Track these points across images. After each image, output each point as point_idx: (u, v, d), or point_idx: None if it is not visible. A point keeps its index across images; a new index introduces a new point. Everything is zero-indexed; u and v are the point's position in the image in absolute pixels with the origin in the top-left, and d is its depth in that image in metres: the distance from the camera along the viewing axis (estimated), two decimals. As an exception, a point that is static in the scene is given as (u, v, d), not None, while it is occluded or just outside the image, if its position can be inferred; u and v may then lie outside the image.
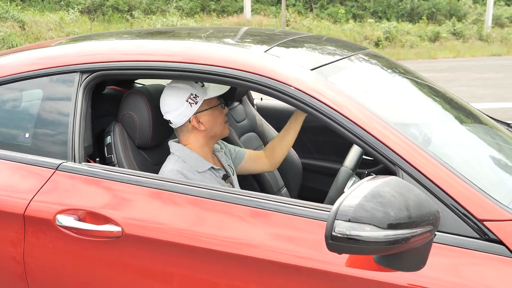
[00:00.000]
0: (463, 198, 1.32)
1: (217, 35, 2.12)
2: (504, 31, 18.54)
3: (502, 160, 1.74)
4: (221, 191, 1.56)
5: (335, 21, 18.16)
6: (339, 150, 2.94)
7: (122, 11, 16.85)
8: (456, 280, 1.29)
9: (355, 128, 1.46)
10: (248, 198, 1.52)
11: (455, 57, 15.17)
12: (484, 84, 9.84)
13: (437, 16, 19.76)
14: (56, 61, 1.86)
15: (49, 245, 1.66)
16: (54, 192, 1.69)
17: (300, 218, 1.44)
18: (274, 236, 1.46)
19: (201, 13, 17.61)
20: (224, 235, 1.49)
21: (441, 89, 2.13)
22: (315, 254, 1.39)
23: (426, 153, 1.39)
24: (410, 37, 17.02)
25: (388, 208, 1.17)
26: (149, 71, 1.73)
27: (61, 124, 1.77)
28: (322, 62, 1.75)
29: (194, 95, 1.86)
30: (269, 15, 18.05)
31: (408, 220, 1.17)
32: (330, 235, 1.18)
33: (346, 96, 1.53)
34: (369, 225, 1.16)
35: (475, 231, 1.31)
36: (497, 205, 1.32)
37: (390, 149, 1.40)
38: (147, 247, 1.55)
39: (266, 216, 1.48)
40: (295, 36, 2.12)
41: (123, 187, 1.65)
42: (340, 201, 1.19)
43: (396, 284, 1.30)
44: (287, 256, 1.41)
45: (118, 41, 1.99)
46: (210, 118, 1.91)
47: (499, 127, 2.03)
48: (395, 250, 1.19)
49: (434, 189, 1.35)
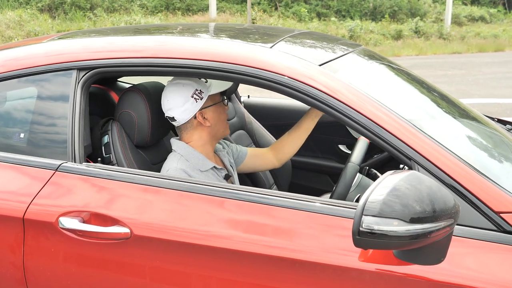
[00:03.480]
0: (480, 191, 1.34)
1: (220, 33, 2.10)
2: (462, 29, 19.03)
3: (501, 152, 1.77)
4: (231, 189, 1.54)
5: (299, 19, 18.25)
6: (326, 146, 2.96)
7: (84, 9, 16.48)
8: (474, 272, 1.31)
9: (372, 126, 1.45)
10: (260, 195, 1.50)
11: (418, 54, 15.47)
12: (449, 81, 10.08)
13: (398, 14, 20.11)
14: (51, 58, 1.79)
15: (51, 249, 1.60)
16: (55, 194, 1.63)
17: (324, 215, 1.42)
18: (285, 232, 1.44)
19: (165, 11, 17.40)
20: (236, 234, 1.47)
21: (436, 86, 2.16)
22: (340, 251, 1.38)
23: (441, 147, 1.41)
24: (374, 36, 17.25)
25: (414, 202, 1.18)
26: (151, 68, 1.69)
27: (58, 123, 1.71)
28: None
29: (199, 91, 1.84)
30: (234, 14, 18.00)
31: (433, 214, 1.18)
32: (357, 230, 1.17)
33: (361, 92, 1.52)
34: (396, 220, 1.16)
35: (492, 223, 1.33)
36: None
37: (407, 145, 1.41)
38: (158, 248, 1.51)
39: (278, 212, 1.46)
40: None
41: (127, 187, 1.60)
42: (366, 197, 1.19)
43: (417, 277, 1.31)
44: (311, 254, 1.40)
45: (117, 37, 1.93)
46: (214, 114, 1.89)
47: (492, 123, 2.07)
48: (419, 244, 1.20)
49: (451, 183, 1.36)
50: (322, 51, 1.98)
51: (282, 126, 2.94)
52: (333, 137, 2.91)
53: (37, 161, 1.68)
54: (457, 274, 1.30)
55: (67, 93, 1.72)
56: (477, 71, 11.56)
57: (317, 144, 2.93)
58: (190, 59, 1.66)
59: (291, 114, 2.99)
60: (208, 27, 2.40)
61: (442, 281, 1.30)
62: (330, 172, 2.94)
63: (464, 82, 9.97)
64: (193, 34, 2.04)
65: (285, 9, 18.97)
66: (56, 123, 1.72)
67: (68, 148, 1.68)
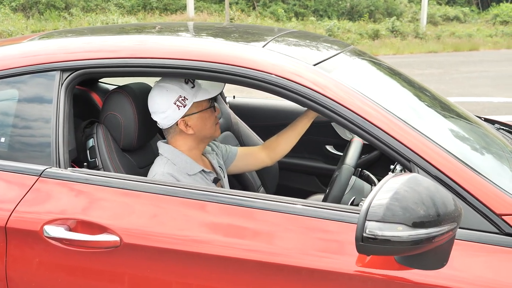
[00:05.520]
0: (481, 194, 1.32)
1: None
2: (438, 29, 19.29)
3: (500, 153, 1.76)
4: (222, 193, 1.49)
5: (277, 19, 18.25)
6: (313, 147, 2.92)
7: (59, 8, 16.21)
8: (475, 276, 1.28)
9: (374, 130, 1.42)
10: (254, 200, 1.45)
11: (395, 54, 15.60)
12: (427, 80, 10.17)
13: (375, 14, 20.27)
14: (32, 59, 1.71)
15: (36, 259, 1.52)
16: (39, 201, 1.55)
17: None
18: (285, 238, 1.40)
19: (142, 10, 17.22)
20: (234, 241, 1.42)
21: (428, 88, 2.14)
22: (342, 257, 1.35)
23: (441, 149, 1.38)
24: (351, 35, 17.35)
25: (417, 207, 1.14)
26: (143, 69, 1.62)
27: (41, 126, 1.64)
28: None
29: (183, 98, 1.75)
30: (212, 13, 17.91)
31: (437, 218, 1.15)
32: (361, 236, 1.13)
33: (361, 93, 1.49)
34: (401, 225, 1.13)
35: (493, 225, 1.31)
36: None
37: (406, 147, 1.38)
38: (149, 256, 1.45)
39: (277, 217, 1.42)
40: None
41: (115, 193, 1.54)
42: (368, 201, 1.15)
43: (418, 282, 1.28)
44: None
45: (104, 37, 1.85)
46: (198, 121, 1.79)
47: (484, 124, 2.06)
48: (423, 249, 1.17)
49: (451, 185, 1.33)
50: (314, 50, 1.94)
51: (268, 126, 2.91)
52: (320, 137, 2.88)
53: (19, 166, 1.60)
54: (458, 278, 1.28)
55: (50, 95, 1.65)
56: (454, 70, 11.69)
57: (304, 145, 2.88)
58: (182, 59, 1.60)
59: (277, 114, 2.95)
60: (188, 26, 2.34)
61: (442, 286, 1.27)
62: (317, 173, 2.90)
63: (442, 81, 10.08)
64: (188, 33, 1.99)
65: (263, 8, 18.96)
66: (39, 126, 1.64)
67: (52, 152, 1.60)
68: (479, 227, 1.31)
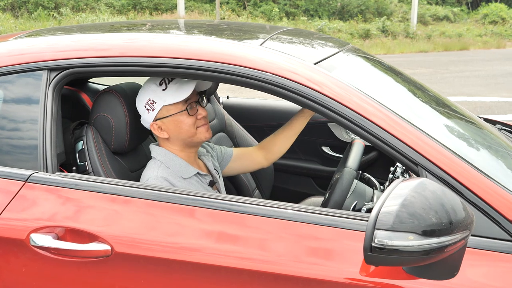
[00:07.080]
0: (492, 198, 1.26)
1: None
2: (428, 28, 19.32)
3: (506, 155, 1.70)
4: (218, 199, 1.41)
5: (268, 19, 18.18)
6: (309, 148, 2.86)
7: (48, 8, 16.03)
8: (489, 285, 1.22)
9: (375, 130, 1.35)
10: (253, 206, 1.38)
11: (386, 53, 15.59)
12: (418, 79, 10.13)
13: (366, 14, 20.27)
14: (18, 57, 1.63)
15: (22, 269, 1.44)
16: (25, 207, 1.47)
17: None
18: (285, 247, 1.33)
19: (133, 10, 17.07)
20: (233, 249, 1.35)
21: (429, 88, 2.08)
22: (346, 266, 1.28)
23: (450, 153, 1.31)
24: (342, 35, 17.31)
25: (428, 214, 1.08)
26: (134, 68, 1.54)
27: (28, 129, 1.55)
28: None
29: (152, 101, 1.67)
30: (203, 13, 17.80)
31: (449, 226, 1.09)
32: (369, 246, 1.06)
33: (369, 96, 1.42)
34: (412, 234, 1.06)
35: (506, 232, 1.24)
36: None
37: (412, 148, 1.31)
38: (141, 266, 1.37)
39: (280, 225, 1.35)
40: None
41: (105, 199, 1.46)
42: (377, 209, 1.08)
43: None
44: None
45: (93, 35, 1.76)
46: (171, 125, 1.69)
47: (488, 125, 2.00)
48: (435, 259, 1.10)
49: (461, 190, 1.27)
50: (313, 49, 1.87)
51: (263, 127, 2.84)
52: (316, 138, 2.81)
53: (4, 171, 1.52)
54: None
55: (37, 95, 1.56)
56: (444, 70, 11.70)
57: (300, 146, 2.83)
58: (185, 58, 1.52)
59: (272, 114, 2.88)
60: (179, 24, 2.27)
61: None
62: (313, 174, 2.84)
63: (434, 80, 10.06)
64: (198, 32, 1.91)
65: (253, 8, 18.88)
66: (26, 129, 1.55)
67: (39, 156, 1.52)
68: (490, 234, 1.25)
